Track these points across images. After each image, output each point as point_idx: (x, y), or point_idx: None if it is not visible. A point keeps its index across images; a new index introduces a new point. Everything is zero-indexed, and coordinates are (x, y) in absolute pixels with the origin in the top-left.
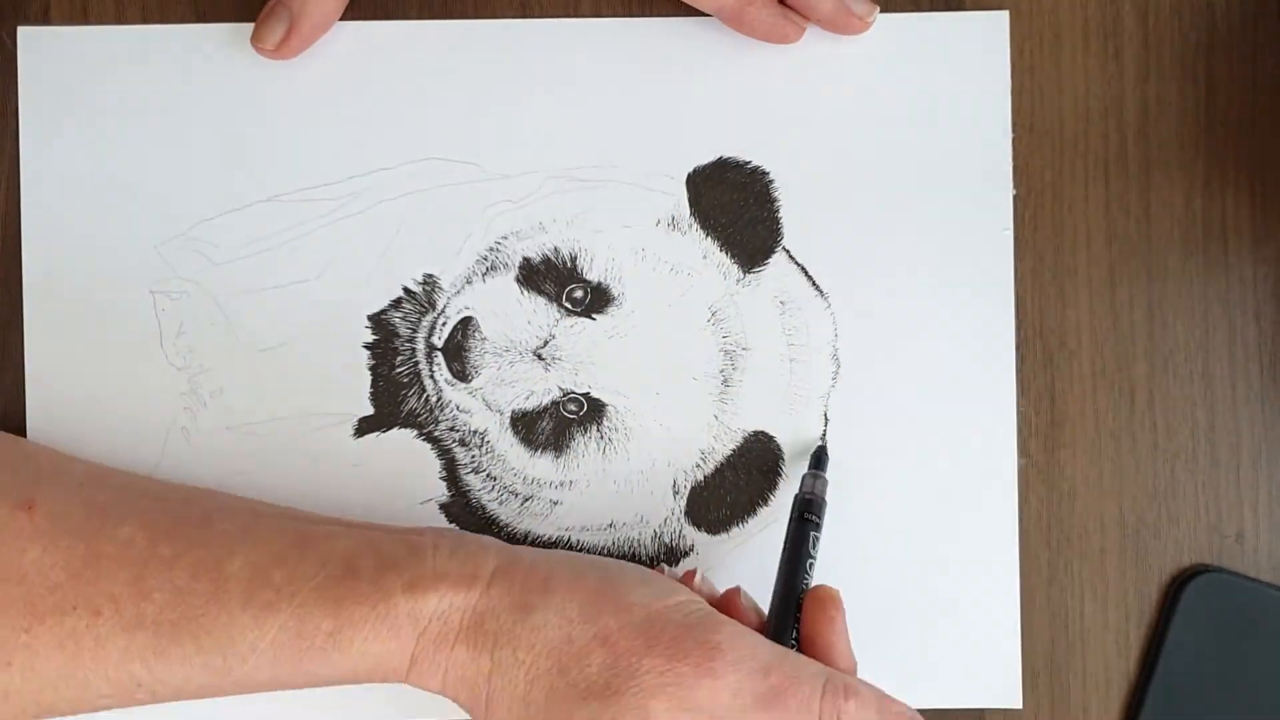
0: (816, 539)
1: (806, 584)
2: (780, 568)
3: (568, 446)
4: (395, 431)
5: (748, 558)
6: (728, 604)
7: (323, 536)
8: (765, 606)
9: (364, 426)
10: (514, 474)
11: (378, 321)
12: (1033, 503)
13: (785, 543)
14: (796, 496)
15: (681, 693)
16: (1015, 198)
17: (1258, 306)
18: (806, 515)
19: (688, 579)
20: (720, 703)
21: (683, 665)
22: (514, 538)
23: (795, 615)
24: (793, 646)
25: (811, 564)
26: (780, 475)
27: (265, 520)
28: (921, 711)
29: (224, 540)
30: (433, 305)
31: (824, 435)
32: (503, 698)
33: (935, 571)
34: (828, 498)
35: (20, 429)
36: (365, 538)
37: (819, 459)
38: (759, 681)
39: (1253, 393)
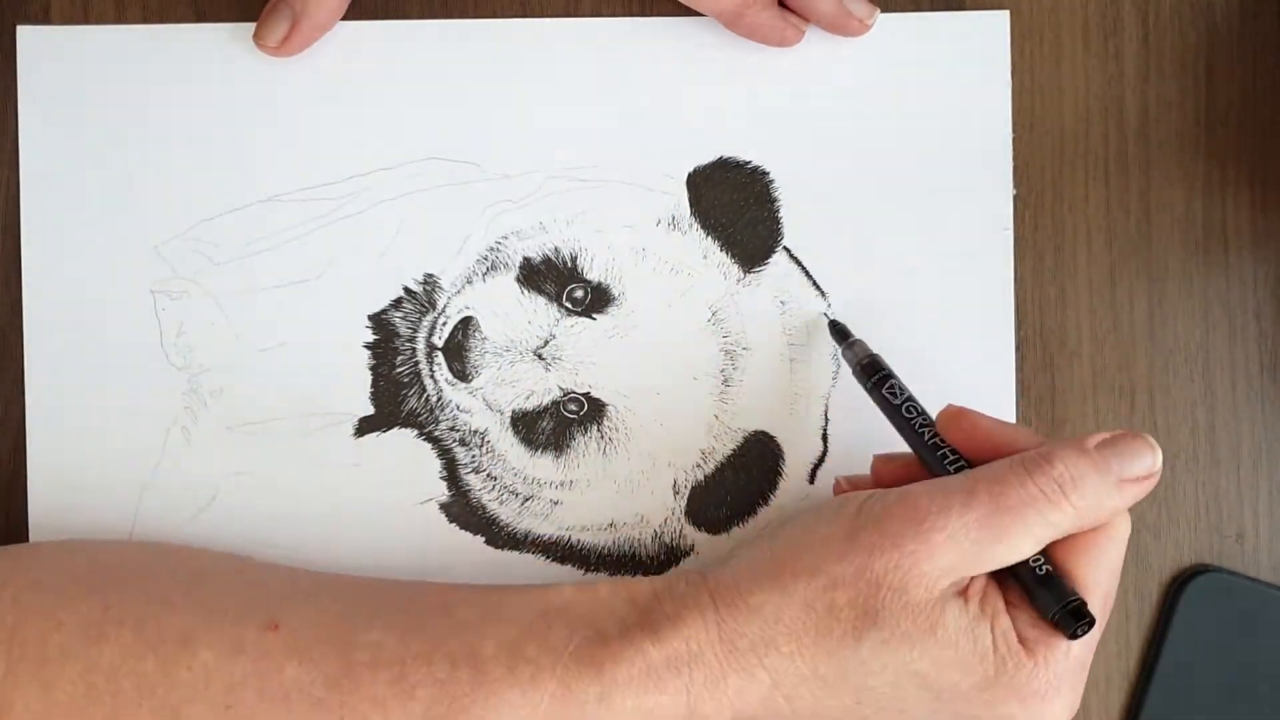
0: (901, 386)
1: (927, 419)
2: (900, 429)
3: (568, 446)
4: (395, 431)
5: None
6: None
7: (560, 605)
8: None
9: (364, 426)
10: (514, 474)
11: (378, 321)
12: None
13: (885, 411)
14: (855, 367)
15: (924, 565)
16: (1015, 198)
17: (1258, 306)
18: (879, 376)
19: (839, 489)
20: (961, 548)
21: (905, 545)
22: (514, 537)
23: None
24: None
25: (913, 403)
26: (781, 475)
27: (504, 597)
28: None
29: (472, 626)
30: (433, 305)
31: (829, 309)
32: (801, 692)
33: None
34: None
35: (20, 429)
36: (596, 597)
37: (839, 331)
38: (974, 508)
39: (1253, 393)
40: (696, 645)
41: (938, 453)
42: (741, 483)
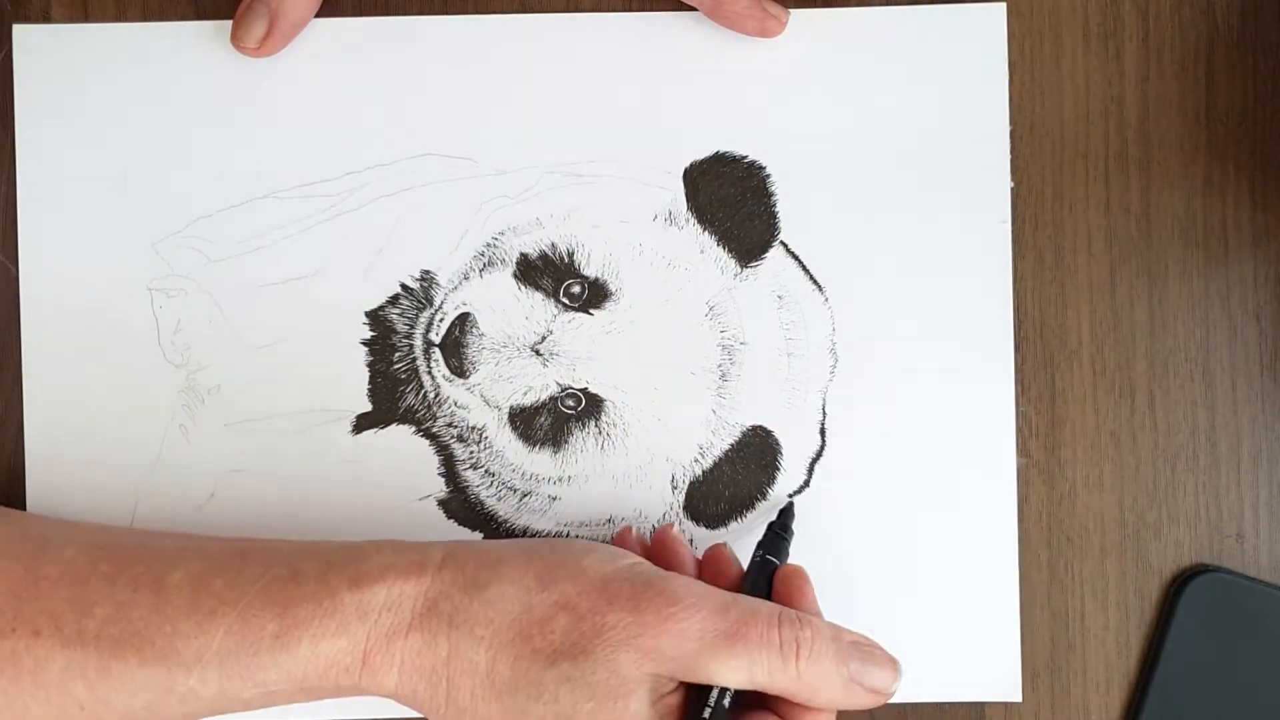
0: (781, 550)
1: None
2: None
3: (566, 442)
4: (393, 428)
5: (746, 552)
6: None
7: (264, 547)
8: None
9: (362, 423)
10: (512, 470)
11: (375, 318)
12: (1033, 503)
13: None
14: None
15: (647, 642)
16: (1012, 190)
17: (1258, 306)
18: (777, 530)
19: (624, 535)
20: (686, 646)
21: (645, 616)
22: (513, 533)
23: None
24: None
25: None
26: (778, 469)
27: (206, 538)
28: (923, 705)
29: (165, 555)
30: (430, 301)
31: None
32: (464, 680)
33: (934, 564)
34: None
35: (18, 429)
36: (308, 545)
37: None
38: (719, 620)
39: (1253, 393)
40: (398, 595)
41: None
42: (739, 477)
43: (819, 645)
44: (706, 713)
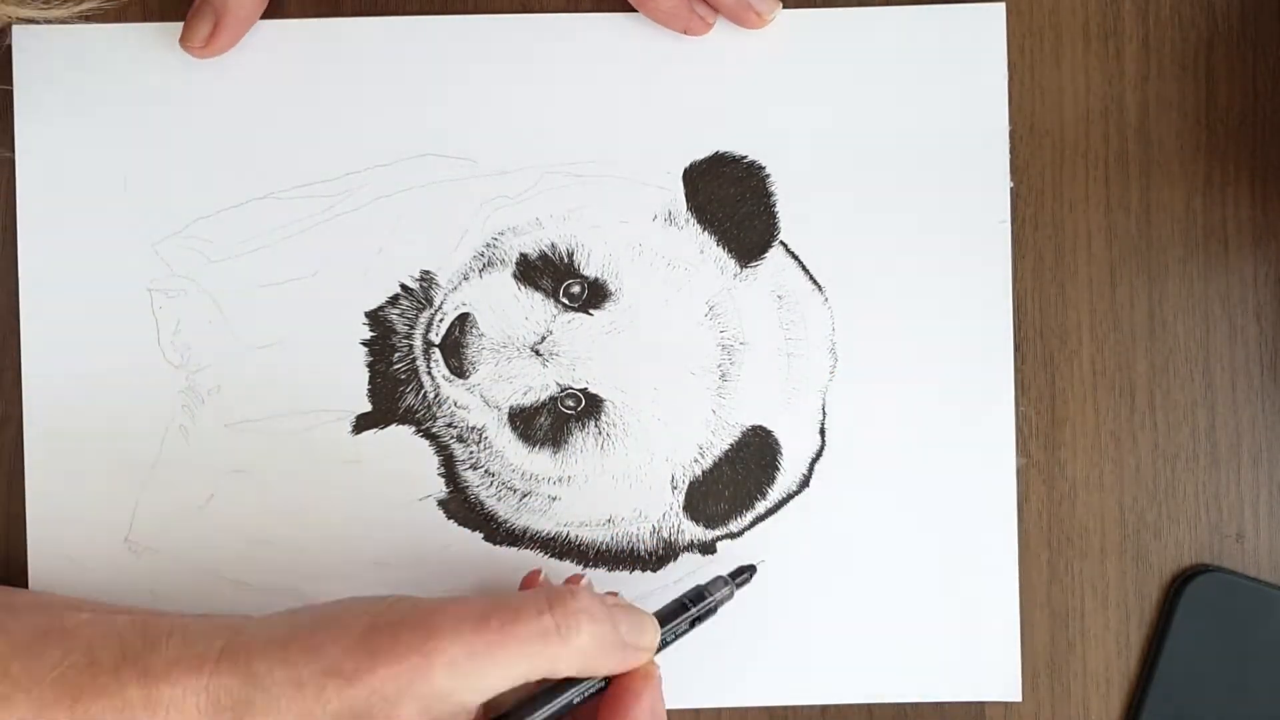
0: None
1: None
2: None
3: (566, 442)
4: (393, 428)
5: (746, 553)
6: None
7: (72, 627)
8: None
9: (362, 423)
10: (512, 470)
11: (375, 318)
12: (1033, 503)
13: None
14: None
15: (422, 688)
16: (1012, 190)
17: (1258, 306)
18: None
19: (531, 578)
20: (461, 673)
21: (408, 660)
22: (513, 533)
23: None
24: None
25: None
26: (778, 469)
27: (18, 611)
28: (923, 705)
29: None
30: (430, 302)
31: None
32: None
33: (934, 564)
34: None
35: (18, 429)
36: (112, 625)
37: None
38: (483, 630)
39: (1253, 393)
40: (182, 691)
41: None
42: (739, 477)
43: (593, 612)
44: None
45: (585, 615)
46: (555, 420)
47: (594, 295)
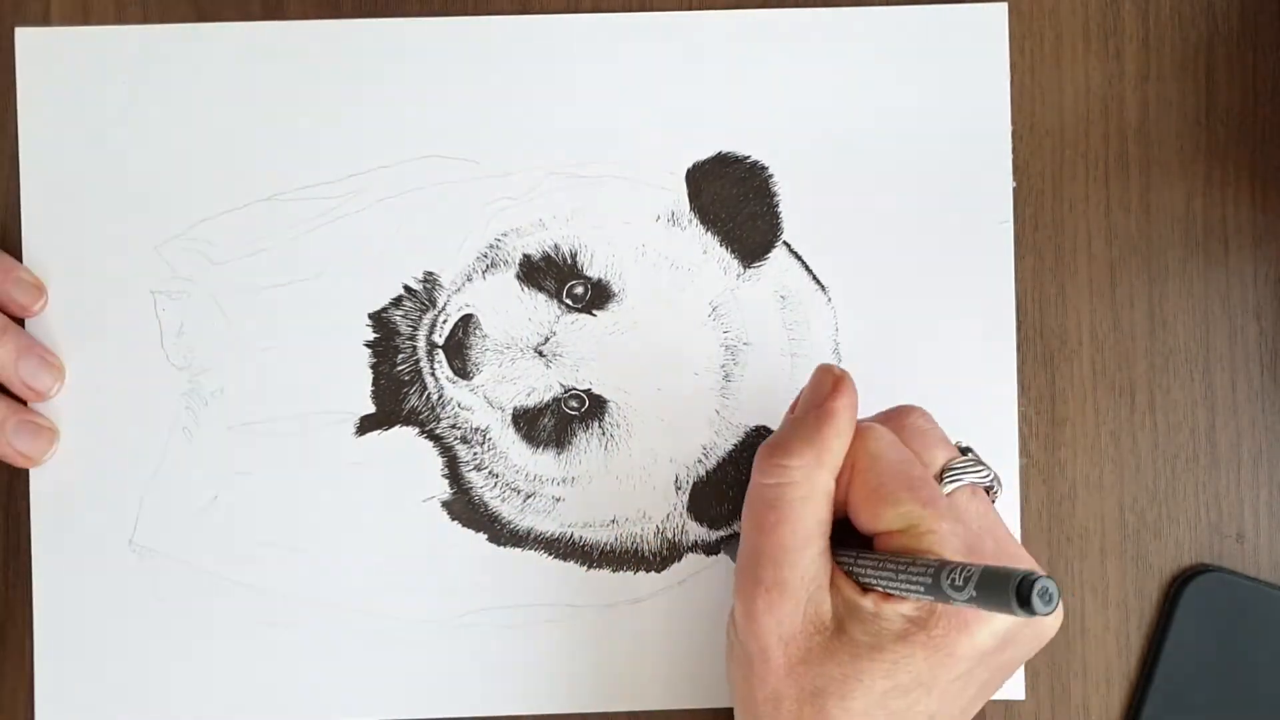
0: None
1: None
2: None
3: (569, 443)
4: (397, 429)
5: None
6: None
7: None
8: None
9: (365, 425)
10: (516, 471)
11: (378, 319)
12: (1033, 503)
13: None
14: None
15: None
16: (1015, 190)
17: (1258, 306)
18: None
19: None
20: (794, 601)
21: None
22: (516, 535)
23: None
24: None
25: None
26: None
27: None
28: None
29: None
30: (433, 303)
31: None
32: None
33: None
34: None
35: None
36: None
37: None
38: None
39: (1253, 393)
40: None
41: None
42: (743, 478)
43: (779, 436)
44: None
45: (777, 445)
46: (559, 421)
47: (597, 296)
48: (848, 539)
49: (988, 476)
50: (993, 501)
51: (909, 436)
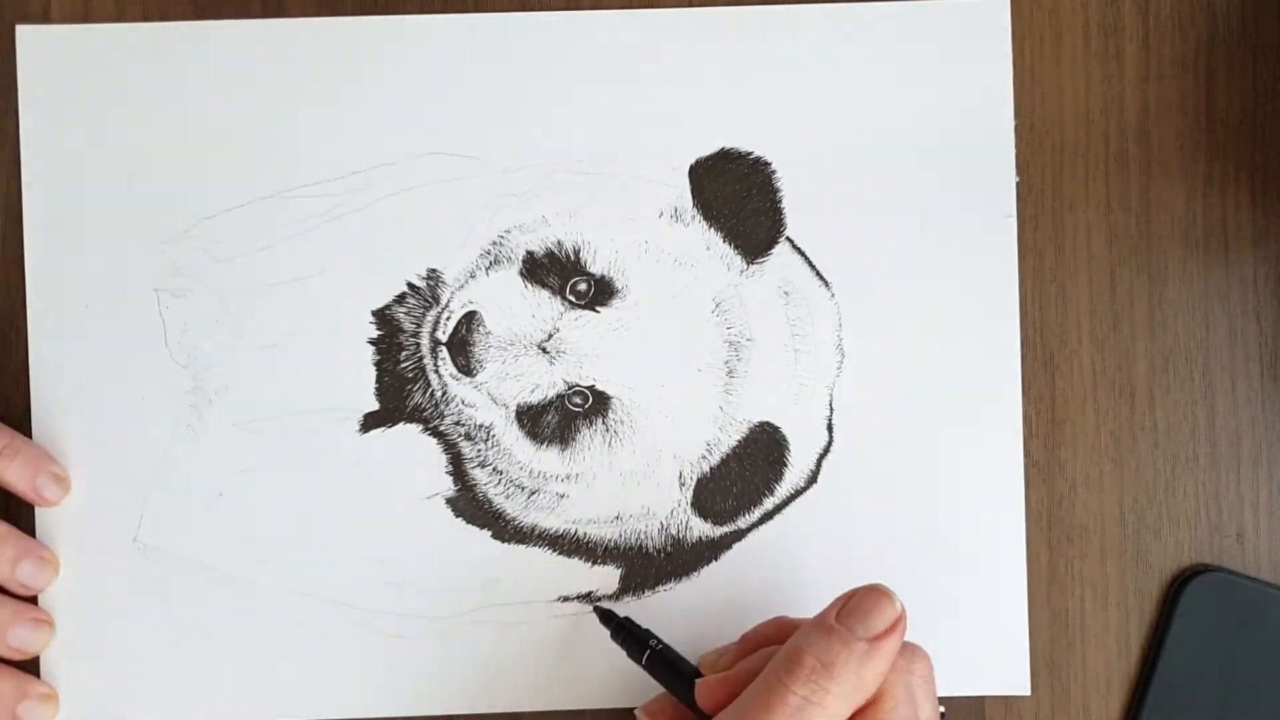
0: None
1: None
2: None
3: (573, 439)
4: (400, 426)
5: (754, 548)
6: None
7: None
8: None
9: (369, 422)
10: (520, 468)
11: (382, 317)
12: (1033, 502)
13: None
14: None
15: None
16: (1018, 184)
17: (1258, 306)
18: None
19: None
20: None
21: None
22: (521, 531)
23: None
24: None
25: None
26: (786, 465)
27: None
28: None
29: None
30: (436, 300)
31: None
32: None
33: (942, 559)
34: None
35: (25, 429)
36: None
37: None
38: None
39: (1253, 393)
40: None
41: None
42: (747, 474)
43: (827, 656)
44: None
45: (821, 666)
46: (563, 418)
47: (600, 293)
48: None
49: None
50: None
51: (914, 681)
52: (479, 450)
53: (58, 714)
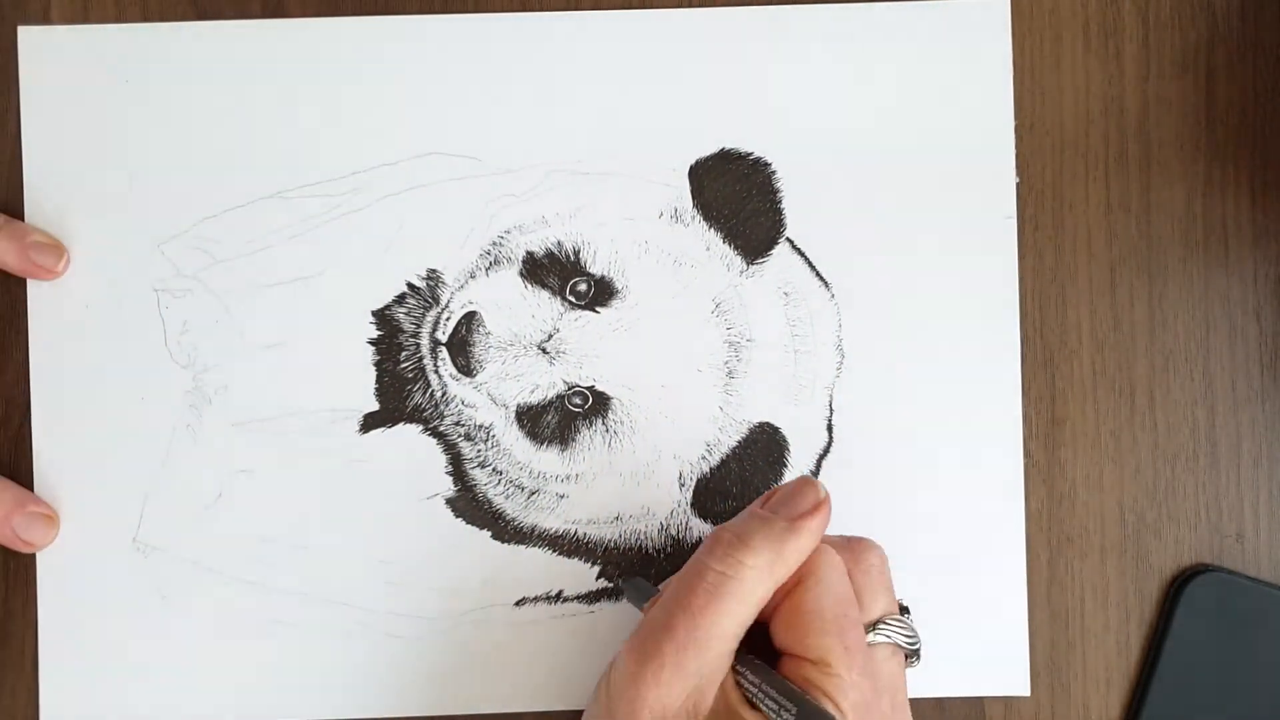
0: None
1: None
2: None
3: (573, 440)
4: (401, 427)
5: None
6: None
7: None
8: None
9: (369, 422)
10: (520, 468)
11: (382, 317)
12: (1033, 502)
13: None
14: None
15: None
16: (1018, 185)
17: (1258, 306)
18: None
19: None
20: (681, 682)
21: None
22: (520, 532)
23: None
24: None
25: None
26: (786, 466)
27: None
28: (923, 701)
29: None
30: (436, 300)
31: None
32: None
33: (942, 560)
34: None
35: (25, 429)
36: None
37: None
38: (673, 633)
39: (1253, 393)
40: None
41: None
42: (747, 474)
43: (742, 529)
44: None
45: (735, 538)
46: (563, 418)
47: (600, 293)
48: (757, 643)
49: (915, 643)
50: (907, 668)
51: (859, 573)
52: (479, 450)
53: (57, 534)
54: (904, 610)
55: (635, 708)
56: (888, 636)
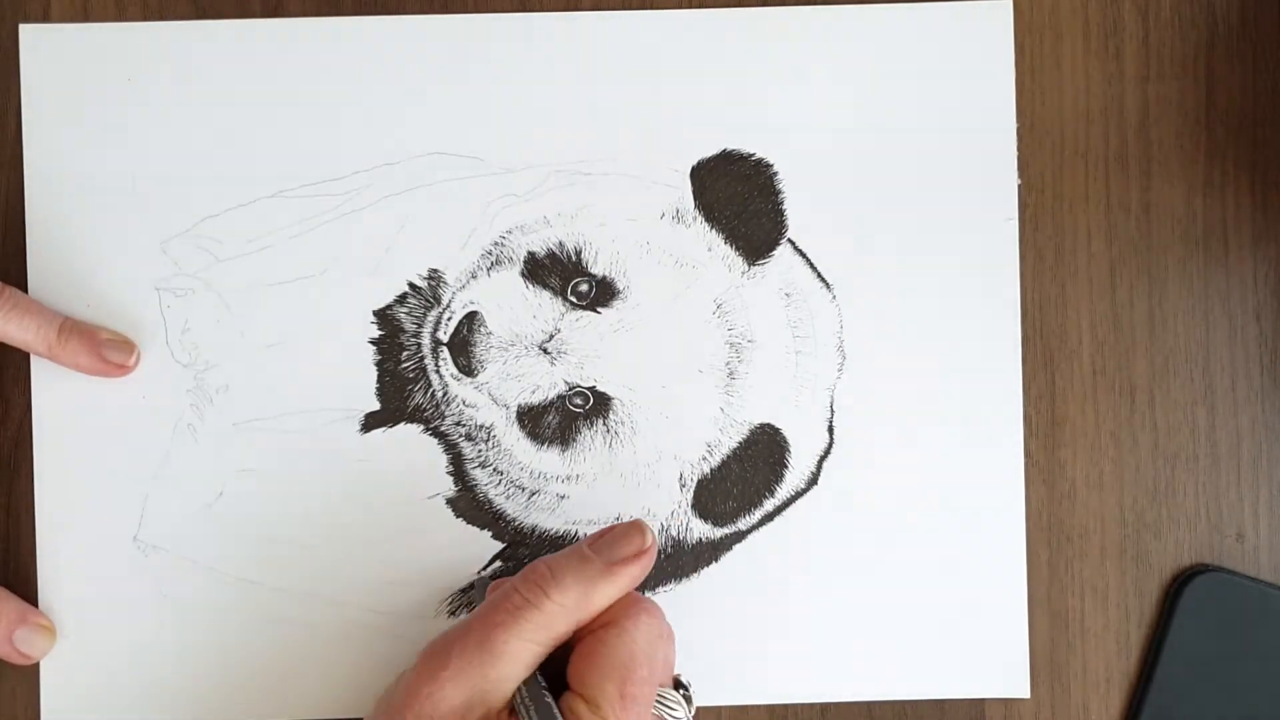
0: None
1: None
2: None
3: (574, 440)
4: (402, 427)
5: (754, 550)
6: None
7: None
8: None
9: (370, 422)
10: (520, 468)
11: (383, 317)
12: (1033, 502)
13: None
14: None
15: (441, 709)
16: (1020, 187)
17: (1258, 306)
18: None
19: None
20: (467, 685)
21: (422, 691)
22: (521, 532)
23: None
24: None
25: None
26: (786, 467)
27: None
28: (923, 702)
29: None
30: (438, 300)
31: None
32: None
33: (942, 561)
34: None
35: (26, 429)
36: None
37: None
38: (470, 636)
39: (1253, 393)
40: None
41: None
42: (747, 475)
43: (557, 566)
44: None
45: (547, 573)
46: (563, 418)
47: (602, 293)
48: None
49: None
50: None
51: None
52: (480, 451)
53: (53, 647)
54: (686, 686)
55: (407, 699)
56: (670, 711)
